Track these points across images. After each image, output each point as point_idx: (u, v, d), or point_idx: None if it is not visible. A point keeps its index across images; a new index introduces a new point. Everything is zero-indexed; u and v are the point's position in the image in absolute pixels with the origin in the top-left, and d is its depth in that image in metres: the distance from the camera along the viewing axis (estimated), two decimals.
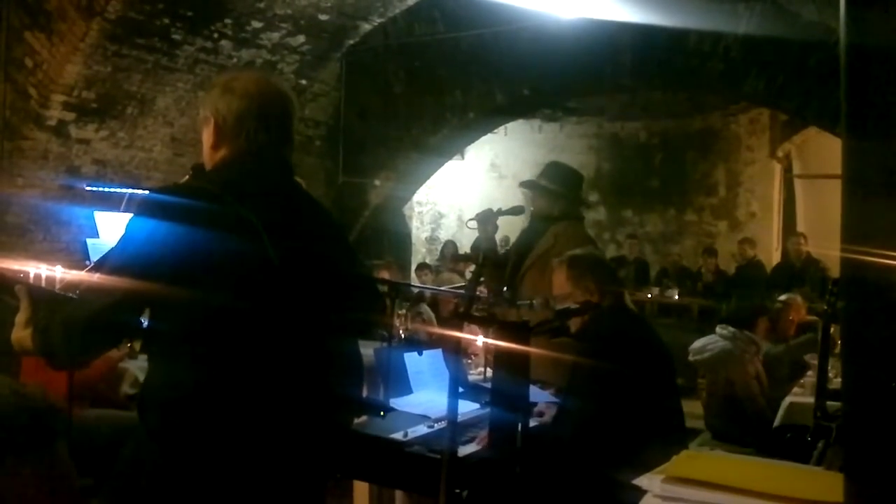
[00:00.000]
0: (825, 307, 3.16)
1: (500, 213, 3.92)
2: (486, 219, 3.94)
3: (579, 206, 4.04)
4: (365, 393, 2.43)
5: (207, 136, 1.93)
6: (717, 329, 5.17)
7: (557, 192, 3.82)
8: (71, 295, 1.93)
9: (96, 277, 1.78)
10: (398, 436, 2.50)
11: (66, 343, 1.75)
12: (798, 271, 8.74)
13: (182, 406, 1.75)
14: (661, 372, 2.78)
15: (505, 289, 3.74)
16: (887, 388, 1.18)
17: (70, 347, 1.77)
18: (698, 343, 5.17)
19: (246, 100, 1.89)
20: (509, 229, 8.43)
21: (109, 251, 1.85)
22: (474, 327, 2.93)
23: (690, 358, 5.15)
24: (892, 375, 1.18)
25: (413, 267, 9.79)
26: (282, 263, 1.77)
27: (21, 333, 1.82)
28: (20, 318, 1.88)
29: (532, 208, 3.98)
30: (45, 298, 1.91)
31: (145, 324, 1.83)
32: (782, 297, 5.91)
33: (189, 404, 1.74)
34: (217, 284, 1.73)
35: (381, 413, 1.96)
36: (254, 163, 1.89)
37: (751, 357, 5.02)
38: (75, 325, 1.74)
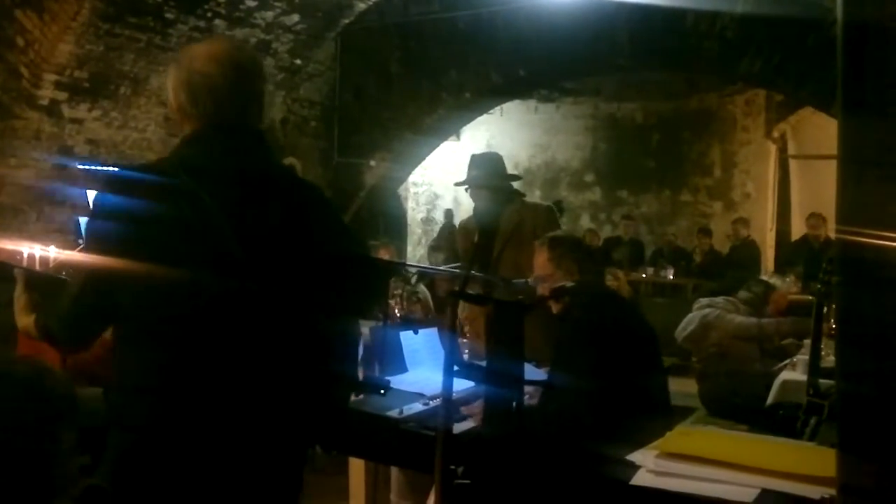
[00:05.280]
0: (819, 286, 3.17)
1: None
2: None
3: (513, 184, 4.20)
4: (361, 371, 2.44)
5: (175, 116, 1.90)
6: (693, 308, 5.32)
7: (494, 175, 3.96)
8: (63, 276, 1.98)
9: (76, 263, 1.84)
10: (394, 413, 2.51)
11: (62, 332, 1.86)
12: (815, 253, 8.32)
13: (148, 391, 1.73)
14: (643, 350, 2.79)
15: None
16: (881, 365, 1.19)
17: (67, 336, 1.88)
18: (680, 325, 5.28)
19: (196, 75, 1.80)
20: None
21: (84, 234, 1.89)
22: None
23: (679, 341, 5.27)
24: (886, 352, 1.19)
25: (408, 248, 9.78)
26: (243, 242, 1.70)
27: (25, 320, 1.92)
28: (18, 302, 1.97)
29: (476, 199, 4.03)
30: (40, 281, 2.00)
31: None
32: (764, 278, 5.93)
33: (155, 390, 1.73)
34: (170, 264, 1.68)
35: (382, 391, 1.96)
36: (213, 138, 1.80)
37: (729, 310, 5.13)
38: (66, 315, 1.82)
